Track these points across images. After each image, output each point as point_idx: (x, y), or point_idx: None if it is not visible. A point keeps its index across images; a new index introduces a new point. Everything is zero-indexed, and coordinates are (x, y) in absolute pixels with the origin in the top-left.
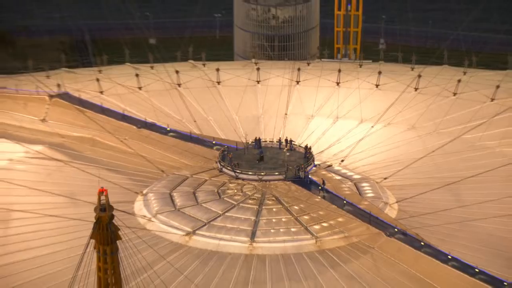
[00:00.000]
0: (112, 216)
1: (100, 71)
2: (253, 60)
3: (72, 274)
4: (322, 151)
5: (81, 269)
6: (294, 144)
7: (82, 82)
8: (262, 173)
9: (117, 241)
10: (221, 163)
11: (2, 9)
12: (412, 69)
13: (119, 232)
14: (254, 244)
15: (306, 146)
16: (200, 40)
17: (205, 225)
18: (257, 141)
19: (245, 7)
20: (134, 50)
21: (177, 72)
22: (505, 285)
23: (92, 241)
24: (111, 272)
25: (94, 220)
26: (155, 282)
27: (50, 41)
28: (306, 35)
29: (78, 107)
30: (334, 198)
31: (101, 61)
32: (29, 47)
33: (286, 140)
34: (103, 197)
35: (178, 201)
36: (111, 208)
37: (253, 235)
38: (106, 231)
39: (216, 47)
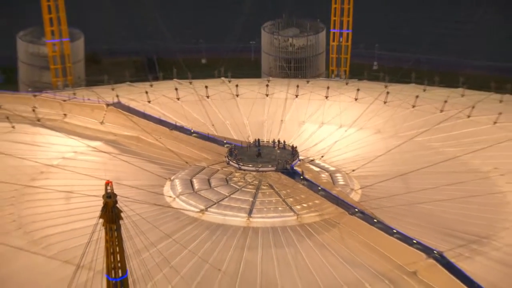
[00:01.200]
0: (116, 202)
1: (151, 85)
2: (269, 78)
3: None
4: (308, 148)
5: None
6: (285, 144)
7: (136, 94)
8: (259, 166)
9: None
10: (229, 158)
11: (91, 34)
12: (386, 86)
13: (121, 214)
14: (251, 219)
15: (293, 146)
16: (239, 61)
17: (215, 204)
18: (257, 141)
19: (270, 37)
20: (188, 69)
21: (206, 87)
22: (434, 252)
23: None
24: (115, 243)
25: (102, 205)
26: (175, 246)
27: (127, 61)
28: (315, 58)
29: (126, 113)
30: (312, 185)
31: (158, 77)
32: (110, 65)
33: (278, 141)
34: (109, 188)
35: (196, 185)
36: (115, 195)
37: (250, 212)
38: (111, 213)
39: (250, 67)
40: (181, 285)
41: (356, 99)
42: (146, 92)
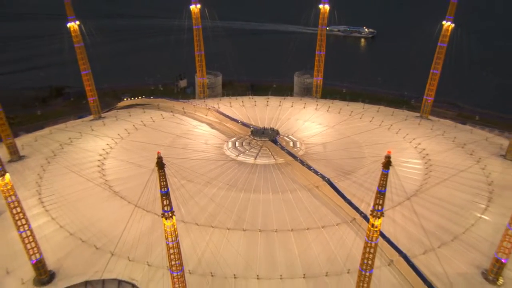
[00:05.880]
0: (162, 159)
1: (236, 98)
2: (285, 97)
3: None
4: (287, 130)
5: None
6: (273, 128)
7: (226, 102)
8: (262, 138)
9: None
10: (250, 133)
11: (230, 70)
12: (332, 102)
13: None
14: (256, 160)
15: (277, 129)
16: (289, 87)
17: (242, 153)
18: (264, 127)
19: (298, 78)
20: (264, 90)
21: (255, 101)
22: (325, 178)
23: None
24: (162, 178)
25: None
26: (221, 171)
27: (244, 84)
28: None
29: (215, 111)
30: (282, 147)
31: (250, 94)
32: (237, 86)
33: (272, 127)
34: (159, 154)
35: (237, 144)
36: (162, 157)
37: (256, 157)
38: (159, 163)
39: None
40: (218, 189)
41: (316, 109)
42: (230, 102)
